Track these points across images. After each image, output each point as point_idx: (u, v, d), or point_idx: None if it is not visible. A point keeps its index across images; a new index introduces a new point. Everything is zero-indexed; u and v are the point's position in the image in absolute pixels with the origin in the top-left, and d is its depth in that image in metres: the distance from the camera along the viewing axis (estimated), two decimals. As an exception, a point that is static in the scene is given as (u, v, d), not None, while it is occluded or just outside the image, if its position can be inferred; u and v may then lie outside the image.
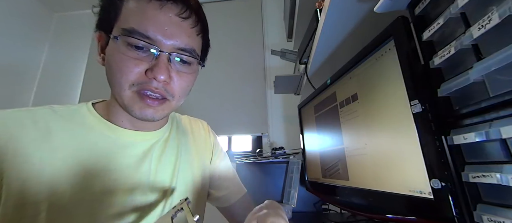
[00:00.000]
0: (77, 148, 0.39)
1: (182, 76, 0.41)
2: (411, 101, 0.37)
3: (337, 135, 0.61)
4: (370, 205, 0.49)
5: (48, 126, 0.39)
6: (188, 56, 0.40)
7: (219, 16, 1.78)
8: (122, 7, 0.38)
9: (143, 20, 0.36)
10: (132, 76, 0.37)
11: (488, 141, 0.28)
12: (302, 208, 0.89)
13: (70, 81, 1.80)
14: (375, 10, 0.41)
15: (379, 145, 0.46)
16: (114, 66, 0.37)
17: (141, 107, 0.39)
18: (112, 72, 0.38)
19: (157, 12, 0.37)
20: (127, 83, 0.37)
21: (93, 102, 0.46)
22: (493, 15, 0.25)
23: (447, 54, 0.32)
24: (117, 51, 0.37)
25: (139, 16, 0.36)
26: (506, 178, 0.25)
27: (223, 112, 1.58)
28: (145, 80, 0.38)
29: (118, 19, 0.38)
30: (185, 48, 0.40)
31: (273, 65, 1.63)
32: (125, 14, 0.37)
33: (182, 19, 0.39)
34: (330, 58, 0.74)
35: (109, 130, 0.43)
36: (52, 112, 0.41)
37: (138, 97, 0.38)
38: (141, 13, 0.36)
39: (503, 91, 0.25)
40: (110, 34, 0.38)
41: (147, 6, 0.37)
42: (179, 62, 0.40)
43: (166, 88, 0.40)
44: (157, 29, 0.37)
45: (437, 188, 0.32)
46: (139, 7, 0.37)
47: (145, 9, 0.37)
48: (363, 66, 0.51)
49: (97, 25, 0.42)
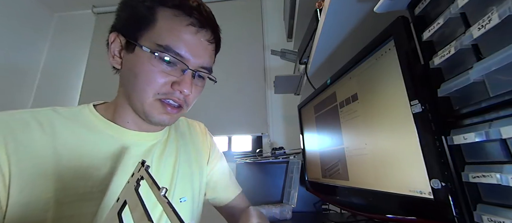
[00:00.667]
0: (82, 148, 0.40)
1: (197, 89, 0.47)
2: (411, 101, 0.37)
3: (337, 135, 0.61)
4: (370, 205, 0.49)
5: (53, 126, 0.40)
6: (207, 73, 0.47)
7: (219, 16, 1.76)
8: (157, 23, 0.40)
9: (179, 40, 0.40)
10: (158, 87, 0.41)
11: (488, 141, 0.28)
12: (302, 208, 0.89)
13: (70, 82, 1.80)
14: (375, 10, 0.41)
15: (379, 145, 0.46)
16: (142, 75, 0.40)
17: (161, 113, 0.42)
18: (138, 81, 0.41)
19: (192, 36, 0.42)
20: (152, 92, 0.41)
21: (94, 104, 0.47)
22: (493, 15, 0.25)
23: (447, 54, 0.32)
24: (147, 62, 0.40)
25: (175, 36, 0.40)
26: (506, 178, 0.25)
27: (223, 112, 1.58)
28: (169, 91, 0.42)
29: (150, 32, 0.40)
30: (206, 66, 0.45)
31: (273, 65, 1.63)
32: (159, 30, 0.40)
33: (209, 43, 0.44)
34: (330, 58, 0.74)
35: (112, 130, 0.44)
36: (55, 113, 0.42)
37: (159, 104, 0.42)
38: (178, 34, 0.40)
39: (503, 91, 0.25)
40: (135, 43, 0.41)
41: (184, 29, 0.41)
42: (199, 78, 0.47)
43: (185, 99, 0.45)
44: (190, 50, 0.41)
45: (437, 188, 0.32)
46: (176, 28, 0.41)
47: (182, 31, 0.41)
48: (363, 66, 0.51)
49: (117, 28, 0.43)
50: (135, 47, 0.41)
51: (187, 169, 0.54)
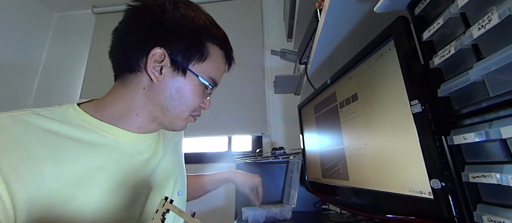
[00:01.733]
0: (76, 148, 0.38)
1: None
2: (411, 101, 0.37)
3: (337, 135, 0.61)
4: (370, 205, 0.49)
5: (42, 130, 0.36)
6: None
7: (219, 16, 1.77)
8: (209, 58, 0.46)
9: (219, 75, 0.50)
10: (194, 107, 0.47)
11: (488, 141, 0.28)
12: (302, 208, 0.89)
13: (70, 82, 1.80)
14: (375, 10, 0.41)
15: (379, 145, 0.46)
16: (189, 98, 0.46)
17: (184, 125, 0.49)
18: (182, 100, 0.45)
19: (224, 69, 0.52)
20: (189, 111, 0.47)
21: (78, 103, 0.44)
22: (493, 15, 0.25)
23: (447, 54, 0.32)
24: (198, 88, 0.46)
25: (218, 72, 0.49)
26: (506, 178, 0.25)
27: (223, 112, 1.58)
28: (197, 109, 0.50)
29: (202, 60, 0.45)
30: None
31: (273, 65, 1.63)
32: (210, 64, 0.47)
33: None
34: (330, 58, 0.74)
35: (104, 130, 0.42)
36: (38, 116, 0.37)
37: (191, 118, 0.50)
38: (220, 71, 0.50)
39: (503, 91, 0.25)
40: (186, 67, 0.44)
41: (223, 67, 0.51)
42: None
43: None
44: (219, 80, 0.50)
45: (437, 188, 0.32)
46: (220, 66, 0.50)
47: (221, 68, 0.51)
48: (363, 66, 0.51)
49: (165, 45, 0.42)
50: (186, 71, 0.44)
51: (179, 163, 0.60)
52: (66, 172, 0.35)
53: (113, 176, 0.41)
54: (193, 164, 1.50)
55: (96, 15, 1.93)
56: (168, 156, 0.54)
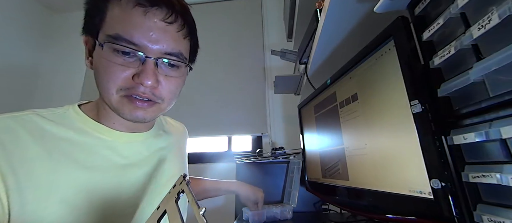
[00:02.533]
0: (72, 150, 0.38)
1: (170, 80, 0.41)
2: (411, 101, 0.37)
3: (337, 135, 0.61)
4: (370, 205, 0.49)
5: (41, 130, 0.37)
6: (176, 60, 0.40)
7: (219, 16, 1.78)
8: (107, 13, 0.37)
9: (128, 26, 0.36)
10: (119, 82, 0.37)
11: (488, 141, 0.28)
12: (302, 208, 0.89)
13: (70, 82, 1.80)
14: (375, 10, 0.41)
15: (379, 145, 0.46)
16: (101, 71, 0.38)
17: (131, 109, 0.39)
18: (100, 77, 0.38)
19: (142, 18, 0.36)
20: (114, 88, 0.37)
21: (79, 104, 0.44)
22: (493, 15, 0.25)
23: (447, 54, 0.32)
24: (103, 57, 0.37)
25: (124, 23, 0.36)
26: (506, 178, 0.25)
27: (223, 112, 1.58)
28: (132, 85, 0.38)
29: (103, 25, 0.37)
30: (172, 52, 0.39)
31: (273, 65, 1.63)
32: (110, 20, 0.37)
33: (167, 23, 0.38)
34: (330, 58, 0.74)
35: (100, 132, 0.42)
36: (39, 117, 0.39)
37: (126, 101, 0.38)
38: (126, 19, 0.36)
39: (503, 92, 0.25)
40: (96, 39, 0.38)
41: (131, 12, 0.36)
42: (167, 66, 0.40)
43: (154, 92, 0.39)
44: (142, 35, 0.36)
45: (437, 188, 0.32)
46: (123, 13, 0.36)
47: (129, 15, 0.36)
48: (363, 67, 0.51)
49: (83, 29, 0.41)
50: (95, 44, 0.38)
51: (181, 164, 0.58)
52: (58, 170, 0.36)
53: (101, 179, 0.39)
54: (193, 164, 1.50)
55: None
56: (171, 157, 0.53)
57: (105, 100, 0.39)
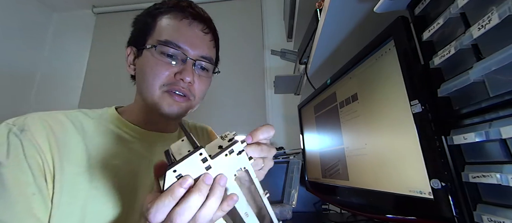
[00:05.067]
0: (109, 147, 0.44)
1: (202, 80, 0.49)
2: (411, 101, 0.37)
3: (337, 135, 0.61)
4: (370, 205, 0.49)
5: (83, 127, 0.44)
6: (208, 63, 0.49)
7: (219, 16, 1.76)
8: (156, 25, 0.47)
9: (176, 33, 0.45)
10: (164, 78, 0.45)
11: (488, 141, 0.28)
12: (302, 208, 0.89)
13: (70, 81, 1.80)
14: (375, 10, 0.41)
15: (379, 145, 0.46)
16: (148, 70, 0.45)
17: (170, 103, 0.45)
18: (145, 77, 0.45)
19: (187, 28, 0.47)
20: (158, 84, 0.45)
21: (116, 107, 0.52)
22: (493, 15, 0.25)
23: (447, 54, 0.32)
24: (152, 58, 0.45)
25: (172, 31, 0.46)
26: (506, 178, 0.25)
27: (223, 112, 1.58)
28: (173, 81, 0.45)
29: (152, 34, 0.46)
30: (206, 56, 0.48)
31: (273, 65, 1.63)
32: (159, 29, 0.46)
33: (204, 33, 0.48)
34: (330, 58, 0.74)
35: (133, 131, 0.48)
36: (84, 115, 0.46)
37: (167, 95, 0.45)
38: (175, 28, 0.46)
39: (503, 92, 0.25)
40: (143, 47, 0.46)
41: (179, 23, 0.46)
42: (201, 69, 0.49)
43: (190, 88, 0.47)
44: (187, 41, 0.46)
45: (437, 188, 0.32)
46: (172, 24, 0.46)
47: (177, 25, 0.46)
48: (363, 67, 0.51)
49: (130, 41, 0.51)
50: (143, 51, 0.47)
51: None
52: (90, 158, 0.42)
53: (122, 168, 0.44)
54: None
55: (96, 15, 1.93)
56: None
57: (148, 96, 0.45)
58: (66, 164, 0.38)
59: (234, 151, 0.29)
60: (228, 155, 0.29)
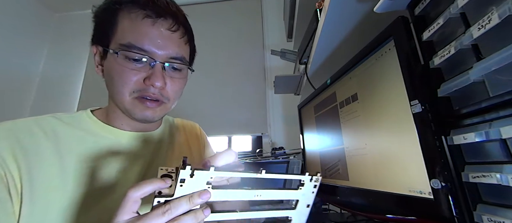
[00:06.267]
0: (82, 150, 0.43)
1: (175, 81, 0.46)
2: (411, 101, 0.37)
3: (337, 135, 0.61)
4: (370, 205, 0.49)
5: (55, 131, 0.42)
6: (179, 63, 0.45)
7: (219, 16, 1.78)
8: (118, 24, 0.42)
9: (139, 35, 0.41)
10: (132, 85, 0.42)
11: (488, 141, 0.28)
12: (302, 208, 0.89)
13: (70, 81, 1.80)
14: (375, 10, 0.41)
15: (379, 145, 0.46)
16: (116, 77, 0.42)
17: (142, 109, 0.43)
18: (113, 83, 0.42)
19: (150, 28, 0.42)
20: (127, 91, 0.42)
21: (91, 110, 0.50)
22: (493, 15, 0.25)
23: (447, 54, 0.32)
24: (117, 64, 0.41)
25: (135, 32, 0.41)
26: (506, 178, 0.25)
27: (223, 112, 1.58)
28: (143, 87, 0.42)
29: (115, 35, 0.42)
30: (176, 56, 0.44)
31: (273, 65, 1.63)
32: (121, 30, 0.42)
33: (172, 32, 0.44)
34: (330, 58, 0.74)
35: (109, 132, 0.46)
36: (56, 119, 0.44)
37: (138, 102, 0.43)
38: (137, 30, 0.41)
39: (503, 92, 0.25)
40: (107, 48, 0.42)
41: (141, 23, 0.41)
42: (172, 70, 0.45)
43: (161, 92, 0.44)
44: (151, 43, 0.41)
45: (437, 188, 0.32)
46: (134, 24, 0.41)
47: (140, 26, 0.41)
48: (363, 67, 0.51)
49: (93, 39, 0.46)
50: (107, 53, 0.43)
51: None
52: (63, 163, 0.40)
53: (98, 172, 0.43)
54: (193, 164, 1.50)
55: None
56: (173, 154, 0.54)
57: (118, 103, 0.43)
58: (36, 174, 0.37)
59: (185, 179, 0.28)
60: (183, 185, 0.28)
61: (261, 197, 0.33)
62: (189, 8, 1.81)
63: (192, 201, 0.28)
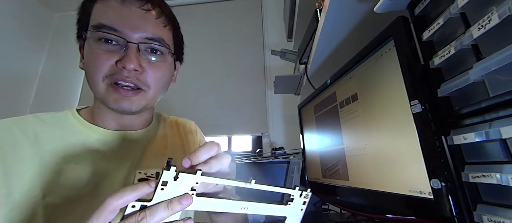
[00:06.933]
0: (65, 150, 0.41)
1: (155, 67, 0.43)
2: (411, 101, 0.37)
3: (337, 135, 0.61)
4: (370, 205, 0.49)
5: (36, 132, 0.40)
6: (158, 45, 0.42)
7: (219, 16, 1.78)
8: (92, 10, 0.41)
9: (108, 15, 0.39)
10: (104, 69, 0.39)
11: (488, 141, 0.28)
12: (302, 208, 0.89)
13: (70, 81, 1.80)
14: (375, 10, 0.42)
15: (379, 145, 0.46)
16: (90, 64, 0.40)
17: (116, 99, 0.40)
18: (88, 70, 0.41)
19: (120, 6, 0.40)
20: (100, 76, 0.39)
21: (78, 109, 0.48)
22: (493, 15, 0.25)
23: (447, 54, 0.32)
24: (90, 49, 0.40)
25: (104, 13, 0.40)
26: (506, 178, 0.25)
27: (223, 112, 1.58)
28: (116, 71, 0.39)
29: (89, 22, 0.41)
30: (153, 37, 0.42)
31: (273, 65, 1.63)
32: (94, 15, 0.41)
33: (145, 11, 0.41)
34: (330, 58, 0.74)
35: (93, 132, 0.44)
36: (37, 120, 0.42)
37: (112, 89, 0.40)
38: (106, 10, 0.40)
39: (503, 92, 0.25)
40: (83, 36, 0.41)
41: (110, 3, 0.40)
42: (150, 53, 0.42)
43: (138, 78, 0.41)
44: (122, 22, 0.39)
45: (437, 188, 0.32)
46: (104, 6, 0.40)
47: (109, 6, 0.40)
48: (363, 67, 0.51)
49: (77, 36, 0.45)
50: (85, 40, 0.41)
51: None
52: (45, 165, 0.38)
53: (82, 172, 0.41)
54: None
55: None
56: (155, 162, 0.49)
57: (95, 93, 0.41)
58: (14, 177, 0.36)
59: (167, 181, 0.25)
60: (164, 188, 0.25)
61: (248, 210, 0.31)
62: (189, 8, 1.81)
63: (171, 207, 0.25)
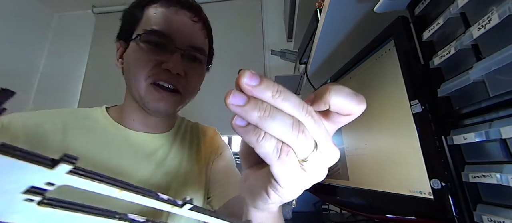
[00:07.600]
0: (88, 143, 0.43)
1: (193, 73, 0.47)
2: (411, 101, 0.37)
3: (337, 135, 0.61)
4: (370, 205, 0.49)
5: (64, 124, 0.44)
6: (199, 54, 0.47)
7: (219, 16, 1.78)
8: (143, 15, 0.45)
9: (162, 21, 0.43)
10: (148, 69, 0.42)
11: (488, 141, 0.28)
12: (302, 208, 0.89)
13: (70, 81, 1.80)
14: (375, 10, 0.41)
15: (379, 145, 0.46)
16: (133, 62, 0.43)
17: (157, 98, 0.43)
18: (131, 69, 0.43)
19: (174, 16, 0.44)
20: (143, 76, 0.42)
21: (107, 107, 0.51)
22: (493, 15, 0.25)
23: (447, 54, 0.32)
24: (137, 49, 0.43)
25: (159, 19, 0.43)
26: (506, 178, 0.25)
27: (223, 112, 1.57)
28: (159, 72, 0.42)
29: (139, 25, 0.44)
30: (196, 46, 0.46)
31: (273, 65, 1.63)
32: (146, 19, 0.44)
33: (193, 22, 0.46)
34: (330, 58, 0.74)
35: (118, 130, 0.47)
36: (69, 113, 0.47)
37: (153, 89, 0.43)
38: (161, 17, 0.43)
39: (503, 91, 0.25)
40: (130, 40, 0.44)
41: (166, 11, 0.44)
42: (191, 60, 0.46)
43: (178, 81, 0.44)
44: (174, 29, 0.43)
45: (437, 188, 0.32)
46: (158, 12, 0.44)
47: (164, 14, 0.44)
48: (363, 67, 0.51)
49: (118, 35, 0.49)
50: (130, 42, 0.45)
51: (193, 174, 0.52)
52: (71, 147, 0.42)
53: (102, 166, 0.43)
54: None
55: (96, 15, 1.93)
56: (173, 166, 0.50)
57: (134, 91, 0.44)
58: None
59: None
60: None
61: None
62: (189, 8, 1.81)
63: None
